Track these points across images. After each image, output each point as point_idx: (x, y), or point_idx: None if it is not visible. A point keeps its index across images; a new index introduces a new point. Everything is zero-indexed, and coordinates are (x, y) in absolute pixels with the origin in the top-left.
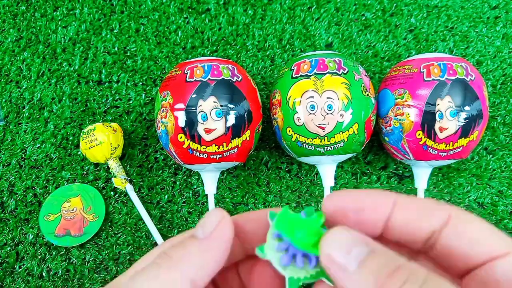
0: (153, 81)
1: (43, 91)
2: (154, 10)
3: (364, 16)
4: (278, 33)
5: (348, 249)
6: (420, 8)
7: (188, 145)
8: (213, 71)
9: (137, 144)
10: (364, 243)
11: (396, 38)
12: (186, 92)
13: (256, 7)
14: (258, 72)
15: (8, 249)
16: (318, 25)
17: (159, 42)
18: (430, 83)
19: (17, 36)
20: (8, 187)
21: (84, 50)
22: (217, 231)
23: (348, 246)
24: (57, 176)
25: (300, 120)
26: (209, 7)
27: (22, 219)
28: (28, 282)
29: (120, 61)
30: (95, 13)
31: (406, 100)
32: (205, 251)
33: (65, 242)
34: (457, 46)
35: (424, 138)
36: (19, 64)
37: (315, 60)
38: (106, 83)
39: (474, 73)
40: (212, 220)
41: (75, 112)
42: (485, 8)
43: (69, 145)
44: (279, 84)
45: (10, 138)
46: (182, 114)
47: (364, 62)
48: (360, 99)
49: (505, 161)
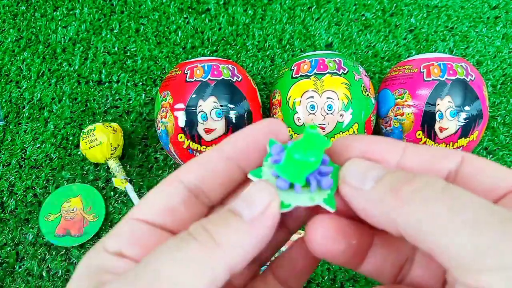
0: (153, 81)
1: (43, 91)
2: (154, 10)
3: (364, 16)
4: (278, 33)
5: (365, 172)
6: (420, 8)
7: (188, 145)
8: (213, 71)
9: (137, 144)
10: (381, 167)
11: (396, 38)
12: (186, 92)
13: (256, 7)
14: (258, 72)
15: (8, 249)
16: (318, 25)
17: (159, 42)
18: (430, 83)
19: (17, 36)
20: (8, 187)
21: (84, 50)
22: (267, 215)
23: (366, 169)
24: (57, 176)
25: (300, 120)
26: (209, 7)
27: (22, 219)
28: (28, 282)
29: (120, 61)
30: (95, 13)
31: (406, 100)
32: (250, 237)
33: (65, 242)
34: (457, 46)
35: (424, 138)
36: (19, 64)
37: (315, 60)
38: (106, 83)
39: (474, 73)
40: (262, 198)
41: (75, 112)
42: (485, 8)
43: (69, 145)
44: (279, 84)
45: (10, 138)
46: (182, 114)
47: (364, 62)
48: (360, 99)
49: (505, 161)
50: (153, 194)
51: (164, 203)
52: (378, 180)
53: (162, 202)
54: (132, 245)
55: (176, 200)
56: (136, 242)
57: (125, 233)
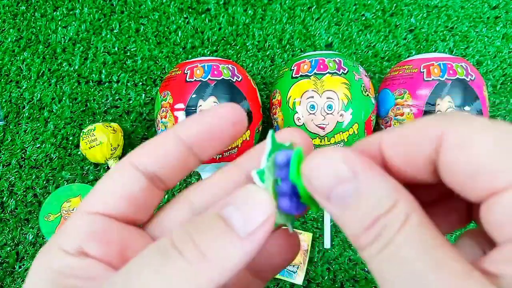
0: (153, 81)
1: (43, 91)
2: (154, 10)
3: (364, 16)
4: (278, 33)
5: (330, 187)
6: (420, 8)
7: None
8: (213, 71)
9: (137, 144)
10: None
11: (396, 38)
12: (186, 92)
13: (256, 7)
14: (258, 72)
15: (8, 249)
16: (318, 25)
17: (159, 42)
18: (430, 83)
19: (17, 36)
20: (8, 187)
21: (84, 50)
22: (261, 232)
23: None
24: (57, 176)
25: (300, 120)
26: (209, 7)
27: (22, 219)
28: None
29: (120, 61)
30: (95, 13)
31: (406, 100)
32: (241, 252)
33: None
34: (457, 46)
35: None
36: (19, 64)
37: (315, 60)
38: (106, 83)
39: (474, 73)
40: (258, 214)
41: (75, 112)
42: (485, 8)
43: (69, 145)
44: (279, 84)
45: (10, 138)
46: (182, 114)
47: (364, 62)
48: (360, 99)
49: None
50: (104, 182)
51: (119, 191)
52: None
53: (117, 190)
54: (93, 242)
55: (132, 187)
56: (97, 238)
57: (81, 229)
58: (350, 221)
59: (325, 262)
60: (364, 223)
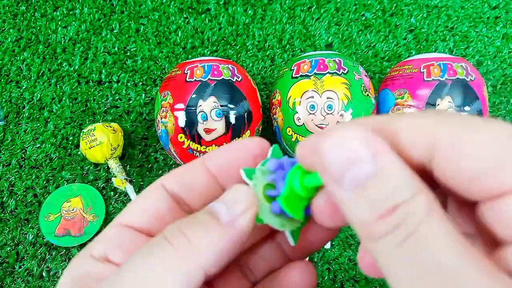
0: (153, 81)
1: (43, 91)
2: (154, 10)
3: (364, 16)
4: (278, 33)
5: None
6: (420, 8)
7: (188, 145)
8: (213, 71)
9: (137, 144)
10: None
11: (396, 38)
12: (186, 92)
13: (256, 7)
14: (258, 72)
15: (8, 249)
16: (318, 25)
17: (159, 42)
18: (430, 83)
19: (17, 36)
20: (8, 187)
21: (84, 50)
22: (244, 218)
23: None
24: (57, 176)
25: (300, 120)
26: (209, 7)
27: (22, 219)
28: (28, 282)
29: (120, 61)
30: (95, 13)
31: (406, 100)
32: (224, 239)
33: (65, 242)
34: (457, 46)
35: None
36: (19, 64)
37: (315, 60)
38: (106, 83)
39: (474, 73)
40: (241, 202)
41: (75, 112)
42: (485, 8)
43: (69, 145)
44: (279, 84)
45: (10, 138)
46: (182, 114)
47: (364, 62)
48: (360, 99)
49: None
50: (139, 200)
51: (149, 209)
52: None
53: (147, 208)
54: (118, 250)
55: (161, 206)
56: (122, 247)
57: (111, 238)
58: (361, 207)
59: (325, 262)
60: (379, 210)
